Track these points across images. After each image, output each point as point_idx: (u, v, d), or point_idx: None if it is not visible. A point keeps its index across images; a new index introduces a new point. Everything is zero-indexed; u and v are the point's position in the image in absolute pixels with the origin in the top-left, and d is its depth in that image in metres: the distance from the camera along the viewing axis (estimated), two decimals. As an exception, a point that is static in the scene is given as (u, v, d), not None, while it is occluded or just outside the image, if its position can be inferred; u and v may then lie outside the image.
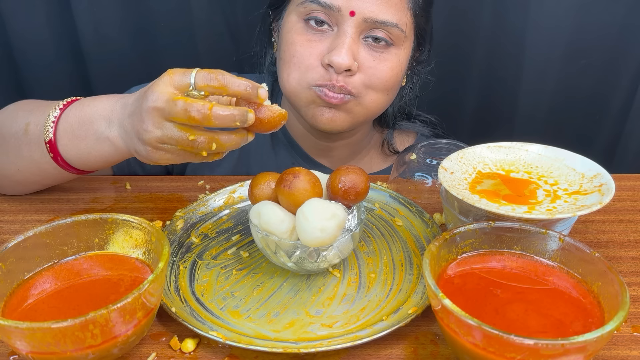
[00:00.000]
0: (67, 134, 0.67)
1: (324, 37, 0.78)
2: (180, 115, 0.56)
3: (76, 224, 0.57)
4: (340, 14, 0.76)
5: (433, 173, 0.78)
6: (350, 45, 0.76)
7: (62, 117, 0.68)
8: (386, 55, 0.79)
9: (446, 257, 0.54)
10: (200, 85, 0.57)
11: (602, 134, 1.17)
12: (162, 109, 0.56)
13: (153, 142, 0.58)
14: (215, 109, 0.55)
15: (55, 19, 1.11)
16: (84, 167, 0.70)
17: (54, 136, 0.67)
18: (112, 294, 0.53)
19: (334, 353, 0.53)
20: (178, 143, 0.58)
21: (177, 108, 0.56)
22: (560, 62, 1.10)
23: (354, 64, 0.77)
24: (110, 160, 0.68)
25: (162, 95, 0.56)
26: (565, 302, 0.50)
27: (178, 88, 0.57)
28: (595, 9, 1.05)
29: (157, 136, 0.58)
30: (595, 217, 0.73)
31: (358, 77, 0.78)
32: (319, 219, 0.55)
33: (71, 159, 0.68)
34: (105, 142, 0.65)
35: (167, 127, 0.57)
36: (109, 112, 0.65)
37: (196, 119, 0.55)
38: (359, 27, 0.76)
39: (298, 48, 0.79)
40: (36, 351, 0.45)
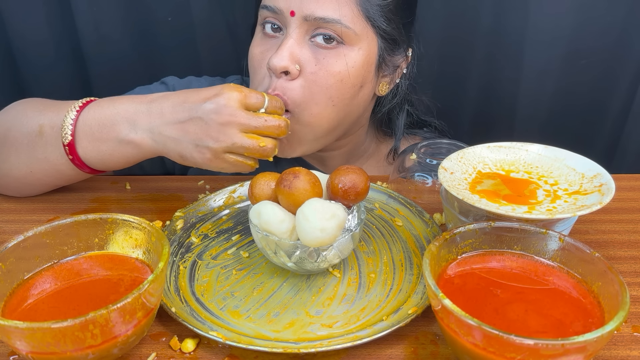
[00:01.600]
0: (87, 136, 0.68)
1: (275, 42, 0.77)
2: (270, 129, 0.67)
3: (76, 224, 0.57)
4: (284, 16, 0.75)
5: (433, 173, 0.78)
6: (290, 46, 0.74)
7: (80, 118, 0.68)
8: (331, 58, 0.75)
9: (446, 257, 0.54)
10: (271, 109, 0.68)
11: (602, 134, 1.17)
12: (243, 124, 0.65)
13: (219, 151, 0.65)
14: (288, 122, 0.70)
15: (55, 19, 1.11)
16: (104, 167, 0.71)
17: (72, 138, 0.68)
18: (112, 294, 0.53)
19: (334, 353, 0.53)
20: (247, 150, 0.66)
21: (268, 123, 0.67)
22: (560, 63, 1.10)
23: (293, 66, 0.74)
24: (132, 161, 0.71)
25: (239, 110, 0.65)
26: (565, 302, 0.50)
27: (249, 107, 0.66)
28: (595, 10, 1.04)
29: (227, 146, 0.65)
30: (595, 217, 0.73)
31: (298, 83, 0.75)
32: (319, 219, 0.55)
33: (91, 161, 0.70)
34: (129, 144, 0.68)
35: (239, 138, 0.65)
36: (132, 115, 0.67)
37: (283, 131, 0.68)
38: (301, 26, 0.74)
39: (254, 63, 0.79)
40: (36, 351, 0.45)
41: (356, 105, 0.81)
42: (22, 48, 1.13)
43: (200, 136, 0.64)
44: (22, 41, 1.12)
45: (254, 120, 0.65)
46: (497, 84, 1.16)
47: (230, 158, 0.66)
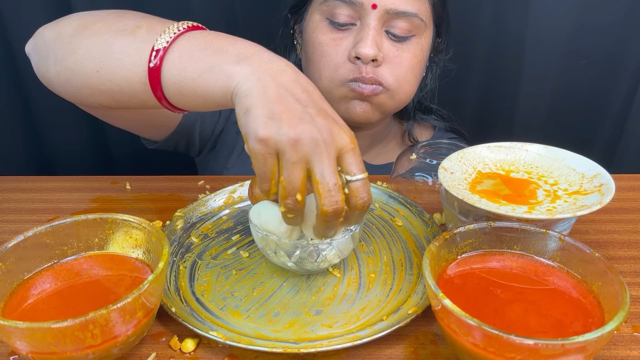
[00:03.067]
0: (183, 51, 0.57)
1: (349, 33, 0.82)
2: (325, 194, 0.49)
3: (76, 224, 0.57)
4: (363, 8, 0.79)
5: (433, 173, 0.78)
6: (374, 36, 0.79)
7: (186, 35, 0.58)
8: (408, 45, 0.83)
9: (446, 257, 0.54)
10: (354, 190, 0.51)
11: (602, 134, 1.18)
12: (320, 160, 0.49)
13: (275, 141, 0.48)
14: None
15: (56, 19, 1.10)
16: (174, 95, 0.59)
17: (167, 45, 0.57)
18: (112, 294, 0.53)
19: (334, 353, 0.53)
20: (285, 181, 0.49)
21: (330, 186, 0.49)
22: (560, 62, 1.10)
23: (379, 54, 0.80)
24: (208, 97, 0.56)
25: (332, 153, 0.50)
26: (565, 302, 0.50)
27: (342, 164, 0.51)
28: (595, 9, 1.05)
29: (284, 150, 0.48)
30: (595, 217, 0.73)
31: (385, 68, 0.82)
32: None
33: (168, 80, 0.58)
34: (222, 74, 0.53)
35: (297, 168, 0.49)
36: (250, 54, 0.54)
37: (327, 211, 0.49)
38: (381, 19, 0.80)
39: (326, 48, 0.83)
40: (36, 351, 0.45)
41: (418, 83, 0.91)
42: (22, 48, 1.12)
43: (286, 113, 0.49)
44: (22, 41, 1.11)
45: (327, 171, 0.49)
46: (497, 84, 1.16)
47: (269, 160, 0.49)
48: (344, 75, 0.82)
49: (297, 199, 0.50)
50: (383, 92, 0.83)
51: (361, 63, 0.81)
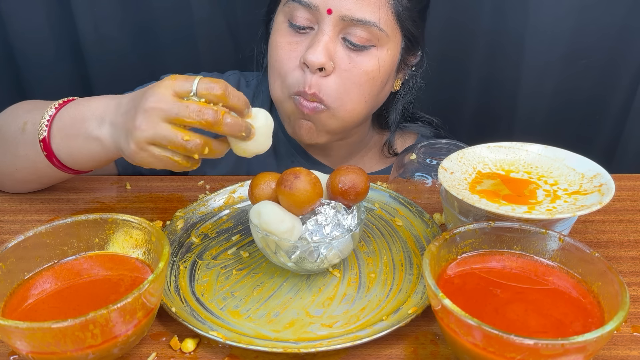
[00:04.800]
0: (60, 132, 0.67)
1: (305, 37, 0.79)
2: (191, 117, 0.57)
3: (76, 224, 0.57)
4: (319, 12, 0.76)
5: (433, 173, 0.78)
6: (325, 43, 0.76)
7: (57, 116, 0.68)
8: (364, 57, 0.78)
9: (446, 257, 0.54)
10: (202, 92, 0.58)
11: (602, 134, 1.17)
12: (165, 109, 0.57)
13: (142, 141, 0.58)
14: (227, 116, 0.58)
15: (55, 18, 1.11)
16: (76, 166, 0.70)
17: (48, 134, 0.67)
18: (112, 294, 0.53)
19: (334, 353, 0.53)
20: (170, 143, 0.58)
21: (188, 110, 0.57)
22: (560, 63, 1.10)
23: (328, 63, 0.76)
24: (99, 159, 0.68)
25: (164, 97, 0.58)
26: (565, 302, 0.50)
27: (178, 93, 0.59)
28: (595, 10, 1.04)
29: (148, 135, 0.58)
30: (595, 217, 0.73)
31: (332, 80, 0.78)
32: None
33: (63, 158, 0.68)
34: (95, 141, 0.65)
35: (162, 128, 0.58)
36: (102, 112, 0.65)
37: (209, 121, 0.57)
38: (336, 25, 0.76)
39: (280, 52, 0.80)
40: (36, 351, 0.45)
41: (379, 100, 0.87)
42: (22, 48, 1.13)
43: (128, 125, 0.60)
44: (22, 41, 1.12)
45: (174, 106, 0.57)
46: (497, 84, 1.16)
47: (155, 151, 0.59)
48: (290, 86, 0.79)
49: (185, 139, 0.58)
50: (324, 110, 0.79)
51: (309, 71, 0.77)
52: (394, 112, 0.93)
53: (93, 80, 1.17)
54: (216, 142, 0.61)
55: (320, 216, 0.59)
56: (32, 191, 0.80)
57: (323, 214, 0.59)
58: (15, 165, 0.73)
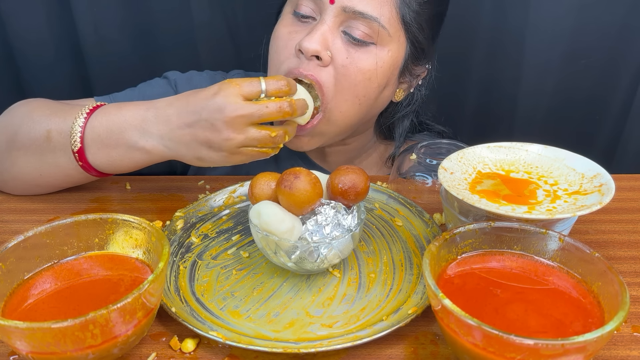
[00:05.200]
0: (96, 143, 0.69)
1: (306, 27, 0.78)
2: (274, 115, 0.65)
3: (76, 224, 0.57)
4: (322, 2, 0.76)
5: (433, 173, 0.78)
6: (323, 32, 0.75)
7: (88, 125, 0.69)
8: (362, 54, 0.76)
9: (446, 257, 0.54)
10: (271, 91, 0.66)
11: (602, 134, 1.17)
12: (247, 115, 0.64)
13: (233, 148, 0.65)
14: (294, 102, 0.67)
15: (55, 19, 1.11)
16: (114, 171, 0.73)
17: (82, 145, 0.69)
18: (112, 294, 0.53)
19: (334, 353, 0.53)
20: (260, 142, 0.66)
21: (269, 109, 0.65)
22: (560, 62, 1.10)
23: (324, 52, 0.74)
24: (142, 165, 0.71)
25: (239, 104, 0.64)
26: (565, 302, 0.50)
27: (247, 96, 0.65)
28: (595, 10, 1.05)
29: (240, 141, 0.65)
30: (595, 217, 0.73)
31: (328, 72, 0.76)
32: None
33: (101, 166, 0.71)
34: (140, 151, 0.69)
35: (251, 132, 0.65)
36: (141, 122, 0.68)
37: (289, 112, 0.66)
38: (338, 16, 0.75)
39: (279, 42, 0.80)
40: (36, 351, 0.45)
41: (376, 106, 0.84)
42: (22, 48, 1.13)
43: (210, 138, 0.65)
44: (22, 41, 1.12)
45: (256, 110, 0.64)
46: (497, 84, 1.16)
47: (246, 151, 0.67)
48: (283, 71, 0.78)
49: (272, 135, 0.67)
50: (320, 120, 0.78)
51: (304, 58, 0.75)
52: (400, 126, 0.91)
53: (93, 81, 1.17)
54: (289, 126, 0.70)
55: (320, 216, 0.59)
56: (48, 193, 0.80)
57: (323, 214, 0.59)
58: (39, 171, 0.74)
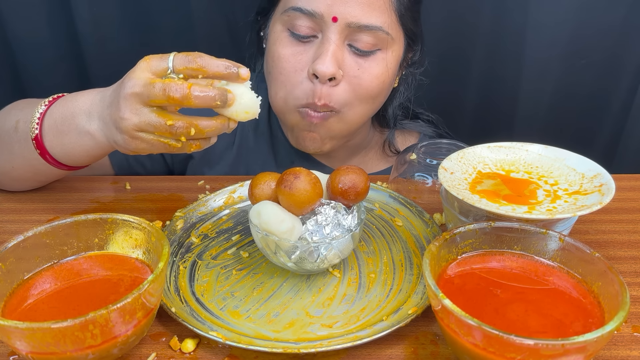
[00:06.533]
0: (52, 129, 0.67)
1: (309, 46, 0.78)
2: (159, 97, 0.56)
3: (76, 224, 0.57)
4: (323, 20, 0.75)
5: (433, 173, 0.78)
6: (334, 52, 0.75)
7: (48, 113, 0.68)
8: (371, 62, 0.78)
9: (446, 257, 0.54)
10: (179, 68, 0.57)
11: (602, 134, 1.17)
12: (140, 94, 0.57)
13: (130, 129, 0.58)
14: (194, 88, 0.56)
15: (55, 19, 1.11)
16: (70, 162, 0.70)
17: (39, 132, 0.67)
18: (112, 294, 0.53)
19: (334, 353, 0.53)
20: (156, 129, 0.57)
21: (155, 90, 0.56)
22: (560, 62, 1.10)
23: (339, 72, 0.75)
24: (93, 154, 0.68)
25: (139, 80, 0.57)
26: (566, 302, 0.50)
27: (155, 73, 0.58)
28: (595, 9, 1.04)
29: (134, 123, 0.58)
30: (595, 217, 0.73)
31: (342, 88, 0.77)
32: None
33: (57, 154, 0.69)
34: (86, 136, 0.65)
35: (144, 113, 0.57)
36: (89, 106, 0.65)
37: (175, 98, 0.55)
38: (342, 32, 0.75)
39: (284, 64, 0.78)
40: (36, 351, 0.45)
41: (383, 101, 0.86)
42: (22, 48, 1.13)
43: (114, 117, 0.59)
44: (22, 41, 1.12)
45: (146, 89, 0.56)
46: (497, 84, 1.16)
47: (144, 137, 0.59)
48: (297, 99, 0.78)
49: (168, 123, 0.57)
50: (332, 115, 0.79)
51: (318, 82, 0.76)
52: (391, 108, 0.92)
53: (93, 80, 1.17)
54: (205, 120, 0.58)
55: (320, 216, 0.59)
56: (30, 189, 0.81)
57: (323, 214, 0.59)
58: (11, 163, 0.74)
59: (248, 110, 0.59)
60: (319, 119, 0.79)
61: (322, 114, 0.78)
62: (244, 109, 0.59)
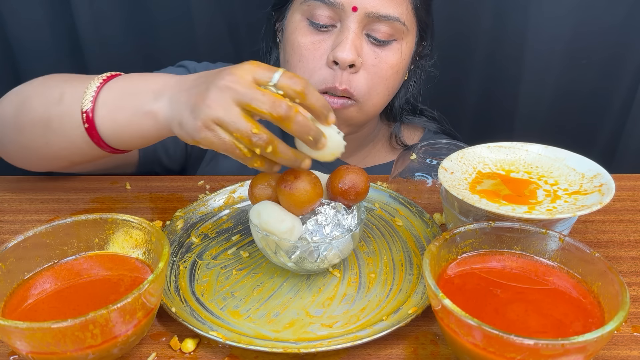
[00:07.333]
0: (107, 105, 0.64)
1: (328, 35, 0.80)
2: (263, 106, 0.54)
3: (76, 224, 0.57)
4: (343, 10, 0.77)
5: (433, 173, 0.78)
6: (353, 40, 0.77)
7: (105, 87, 0.65)
8: (388, 52, 0.81)
9: (446, 257, 0.54)
10: (282, 84, 0.55)
11: (602, 133, 1.18)
12: (240, 92, 0.55)
13: (209, 119, 0.55)
14: (299, 115, 0.55)
15: (55, 18, 1.11)
16: (117, 142, 0.66)
17: (93, 105, 0.64)
18: (112, 294, 0.53)
19: (334, 353, 0.53)
20: (237, 131, 0.55)
21: (263, 97, 0.54)
22: (561, 62, 1.10)
23: (358, 60, 0.78)
24: (147, 137, 0.65)
25: (242, 80, 0.55)
26: (565, 302, 0.50)
27: (257, 80, 0.56)
28: (595, 9, 1.05)
29: (218, 116, 0.55)
30: (595, 217, 0.73)
31: (362, 76, 0.80)
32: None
33: (105, 132, 0.65)
34: (147, 115, 0.62)
35: (234, 112, 0.54)
36: (161, 86, 0.62)
37: (281, 115, 0.54)
38: (361, 22, 0.78)
39: (304, 52, 0.80)
40: (36, 351, 0.45)
41: (396, 91, 0.89)
42: (22, 47, 1.13)
43: (197, 101, 0.56)
44: (22, 40, 1.12)
45: (250, 91, 0.55)
46: (498, 84, 1.16)
47: (220, 132, 0.55)
48: (317, 83, 0.79)
49: (253, 131, 0.54)
50: (352, 105, 0.81)
51: (338, 68, 0.78)
52: (398, 101, 0.94)
53: (93, 80, 1.17)
54: (283, 145, 0.56)
55: (320, 216, 0.59)
56: (57, 170, 0.78)
57: (323, 214, 0.59)
58: (46, 138, 0.69)
59: (334, 153, 0.59)
60: (339, 106, 0.80)
61: (342, 101, 0.80)
62: (331, 152, 0.59)
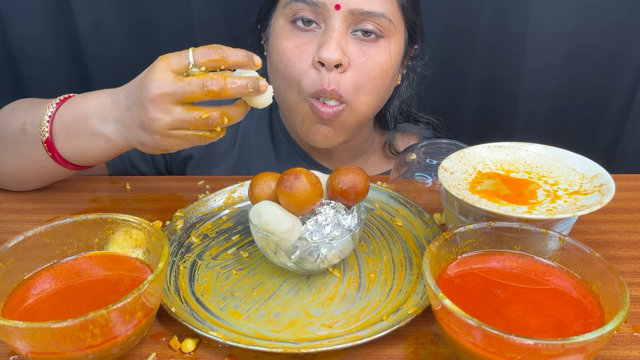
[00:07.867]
0: (63, 132, 0.68)
1: (313, 36, 0.78)
2: (197, 93, 0.57)
3: (76, 224, 0.57)
4: (326, 9, 0.75)
5: (433, 173, 0.78)
6: (338, 39, 0.75)
7: (57, 115, 0.68)
8: (375, 49, 0.78)
9: (446, 257, 0.54)
10: (201, 62, 0.59)
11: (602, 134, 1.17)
12: (170, 93, 0.58)
13: (162, 129, 0.59)
14: (228, 79, 0.58)
15: (55, 18, 1.11)
16: (83, 162, 0.71)
17: (50, 135, 0.68)
18: (112, 294, 0.53)
19: (334, 353, 0.53)
20: (191, 124, 0.59)
21: (191, 87, 0.57)
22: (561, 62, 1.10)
23: (344, 59, 0.76)
24: (109, 154, 0.69)
25: (164, 81, 0.58)
26: (565, 302, 0.50)
27: (176, 71, 0.59)
28: (596, 10, 1.04)
29: (168, 122, 0.59)
30: (595, 217, 0.73)
31: (349, 76, 0.77)
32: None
33: (69, 156, 0.69)
34: (102, 138, 0.66)
35: (177, 111, 0.58)
36: (101, 109, 0.66)
37: (214, 91, 0.57)
38: (346, 20, 0.76)
39: (290, 56, 0.78)
40: (36, 351, 0.45)
41: (388, 94, 0.87)
42: (22, 48, 1.12)
43: (142, 119, 0.60)
44: (22, 41, 1.12)
45: (179, 87, 0.57)
46: (498, 84, 1.16)
47: (178, 134, 0.60)
48: (307, 87, 0.77)
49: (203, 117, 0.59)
50: (344, 109, 0.78)
51: (325, 70, 0.75)
52: (392, 108, 0.93)
53: (93, 80, 1.17)
54: (232, 107, 0.61)
55: (320, 216, 0.59)
56: (35, 189, 0.81)
57: (323, 214, 0.59)
58: (18, 164, 0.74)
59: (268, 101, 0.62)
60: (331, 115, 0.78)
61: (333, 110, 0.77)
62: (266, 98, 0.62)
